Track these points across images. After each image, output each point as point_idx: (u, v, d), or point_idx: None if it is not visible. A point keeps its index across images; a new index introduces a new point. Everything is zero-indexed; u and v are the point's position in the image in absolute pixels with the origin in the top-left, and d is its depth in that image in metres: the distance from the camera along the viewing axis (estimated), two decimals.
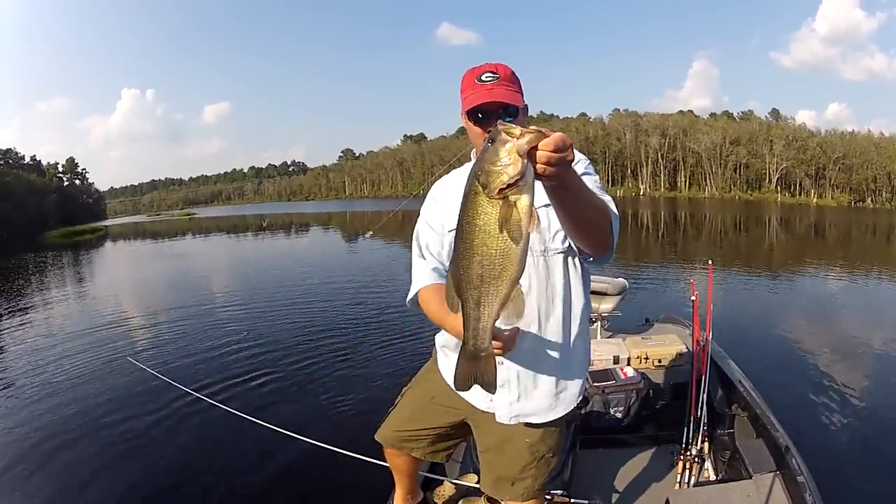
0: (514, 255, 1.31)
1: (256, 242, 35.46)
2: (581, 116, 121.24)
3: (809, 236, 31.71)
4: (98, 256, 34.06)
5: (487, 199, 1.27)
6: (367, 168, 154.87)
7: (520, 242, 1.29)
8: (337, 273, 16.07)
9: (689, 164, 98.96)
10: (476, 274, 1.35)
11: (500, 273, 1.33)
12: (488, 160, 1.25)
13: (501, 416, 2.08)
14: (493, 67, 1.88)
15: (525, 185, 1.25)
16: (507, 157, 1.22)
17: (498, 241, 1.29)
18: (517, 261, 1.32)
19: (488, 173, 1.25)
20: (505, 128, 1.24)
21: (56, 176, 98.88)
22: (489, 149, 1.25)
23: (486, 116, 1.88)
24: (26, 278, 22.06)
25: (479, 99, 1.84)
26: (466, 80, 1.91)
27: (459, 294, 1.40)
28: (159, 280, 18.53)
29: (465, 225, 1.32)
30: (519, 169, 1.22)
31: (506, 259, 1.31)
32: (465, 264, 1.35)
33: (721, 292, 11.77)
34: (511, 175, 1.22)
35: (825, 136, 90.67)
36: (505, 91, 1.85)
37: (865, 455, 4.80)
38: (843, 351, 7.80)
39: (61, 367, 7.91)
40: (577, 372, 2.10)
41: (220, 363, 7.64)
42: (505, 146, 1.22)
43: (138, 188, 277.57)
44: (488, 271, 1.34)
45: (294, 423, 3.86)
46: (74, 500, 4.49)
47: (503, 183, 1.23)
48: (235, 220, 69.17)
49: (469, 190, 1.30)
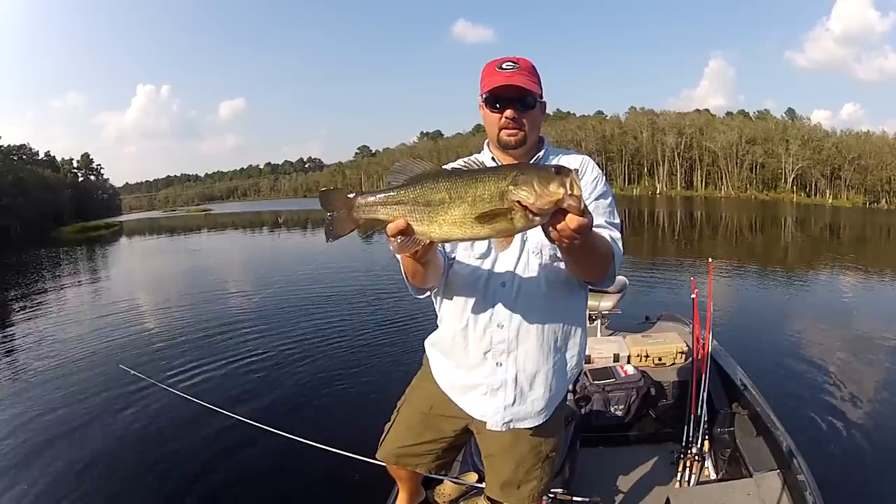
0: (468, 236, 1.37)
1: (271, 239, 35.67)
2: (598, 114, 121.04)
3: (823, 237, 31.43)
4: (110, 252, 34.28)
5: (499, 189, 1.29)
6: (383, 165, 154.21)
7: (479, 239, 1.35)
8: (343, 272, 16.03)
9: (706, 163, 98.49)
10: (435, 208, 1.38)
11: (450, 233, 1.38)
12: (542, 176, 1.26)
13: (493, 424, 2.03)
14: (515, 59, 1.88)
15: (532, 221, 1.27)
16: (556, 188, 1.24)
17: (472, 226, 1.33)
18: (464, 238, 1.39)
19: (527, 183, 1.26)
20: (574, 178, 1.25)
21: (71, 171, 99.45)
22: (549, 172, 1.26)
23: (503, 104, 1.87)
24: (37, 273, 22.35)
25: (498, 82, 1.83)
26: (487, 68, 1.90)
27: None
28: (167, 277, 18.63)
29: (461, 185, 1.34)
30: (546, 207, 1.24)
31: (461, 230, 1.35)
32: (440, 199, 1.37)
33: (723, 290, 11.80)
34: (539, 204, 1.25)
35: (840, 137, 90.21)
36: (524, 78, 1.84)
37: (866, 454, 4.77)
38: (845, 350, 7.76)
39: (63, 368, 7.92)
40: (572, 373, 2.08)
41: (218, 366, 7.53)
42: (566, 181, 1.24)
43: (153, 184, 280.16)
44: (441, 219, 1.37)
45: (292, 424, 3.75)
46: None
47: (532, 202, 1.26)
48: (251, 217, 69.48)
49: (495, 170, 1.33)
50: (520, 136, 1.89)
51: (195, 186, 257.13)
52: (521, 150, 1.93)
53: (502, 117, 1.87)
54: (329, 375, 6.99)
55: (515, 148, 1.92)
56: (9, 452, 5.30)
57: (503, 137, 1.90)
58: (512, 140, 1.89)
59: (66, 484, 4.67)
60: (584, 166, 1.93)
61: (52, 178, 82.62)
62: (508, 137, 1.89)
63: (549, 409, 2.04)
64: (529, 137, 1.92)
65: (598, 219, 1.75)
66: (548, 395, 2.00)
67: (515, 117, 1.86)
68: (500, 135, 1.90)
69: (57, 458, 5.13)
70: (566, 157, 1.98)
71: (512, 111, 1.86)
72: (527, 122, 1.89)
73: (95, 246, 37.61)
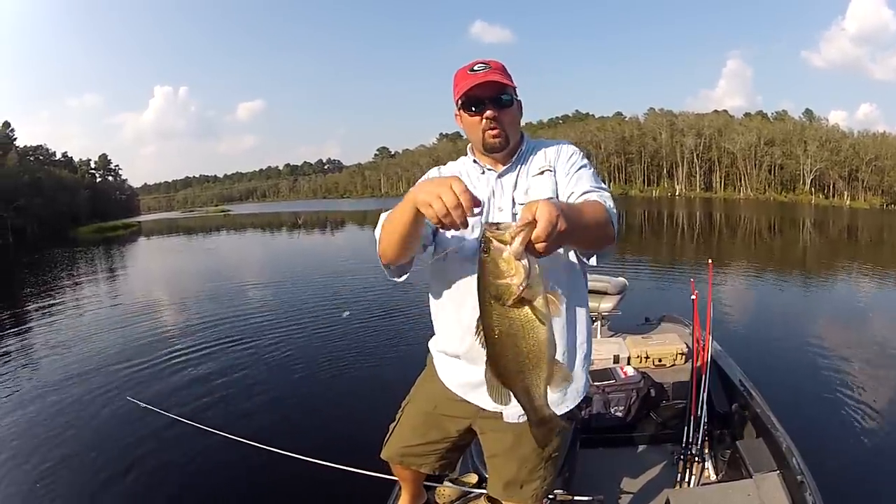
0: (545, 344, 1.33)
1: (289, 240, 35.88)
2: (616, 115, 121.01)
3: (840, 239, 31.12)
4: (126, 252, 34.82)
5: (505, 308, 1.28)
6: (402, 166, 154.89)
7: (546, 331, 1.31)
8: (344, 274, 16.19)
9: (724, 164, 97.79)
10: (515, 370, 1.37)
11: (538, 363, 1.35)
12: (492, 274, 1.26)
13: (510, 416, 2.02)
14: (485, 61, 1.87)
15: (534, 281, 1.26)
16: (507, 267, 1.23)
17: (527, 340, 1.31)
18: (549, 346, 1.33)
19: (497, 287, 1.26)
20: (494, 235, 1.24)
21: (88, 172, 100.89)
22: (488, 261, 1.26)
23: (480, 105, 1.87)
24: (51, 271, 22.81)
25: (472, 82, 1.83)
26: (459, 74, 1.89)
27: (507, 387, 1.41)
28: (179, 274, 19.07)
29: (492, 333, 1.33)
30: (523, 275, 1.23)
31: (539, 350, 1.33)
32: (503, 364, 1.37)
33: (723, 291, 11.85)
34: (519, 283, 1.23)
35: (858, 138, 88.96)
36: (497, 75, 1.84)
37: (866, 455, 4.76)
38: (845, 351, 7.70)
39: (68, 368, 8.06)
40: (582, 366, 2.06)
41: (213, 381, 7.28)
42: (502, 256, 1.23)
43: (172, 185, 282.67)
44: (526, 365, 1.35)
45: (288, 441, 3.74)
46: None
47: (514, 294, 1.24)
48: (270, 217, 69.90)
49: (484, 302, 1.32)
50: (503, 136, 1.89)
51: (214, 187, 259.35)
52: (505, 152, 1.94)
53: (482, 119, 1.87)
54: (334, 383, 7.03)
55: (500, 150, 1.92)
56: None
57: (488, 140, 1.89)
58: (497, 142, 1.89)
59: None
60: (561, 145, 1.99)
61: (69, 178, 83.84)
62: (494, 139, 1.89)
63: (566, 402, 2.03)
64: (511, 137, 1.92)
65: (583, 185, 1.79)
66: (561, 388, 1.99)
67: (496, 117, 1.86)
68: (484, 137, 1.90)
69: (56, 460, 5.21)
70: (545, 147, 1.99)
71: (491, 111, 1.86)
72: (506, 122, 1.89)
73: (112, 246, 38.08)
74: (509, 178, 1.95)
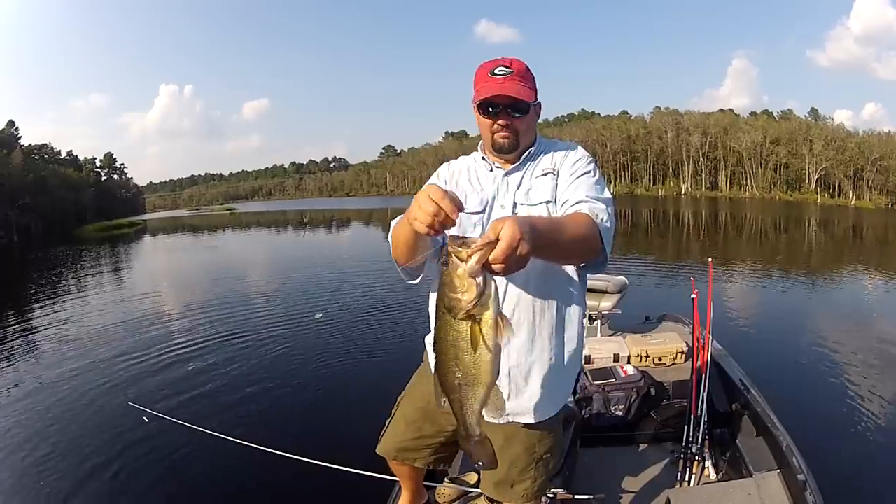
0: (487, 365, 1.37)
1: (295, 238, 35.93)
2: (622, 114, 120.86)
3: (845, 238, 31.07)
4: (131, 250, 34.88)
5: (455, 320, 1.32)
6: (408, 165, 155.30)
7: (490, 353, 1.35)
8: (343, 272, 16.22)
9: (730, 163, 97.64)
10: (453, 383, 1.42)
11: (475, 381, 1.41)
12: (447, 285, 1.29)
13: (491, 416, 2.04)
14: (508, 62, 1.88)
15: (486, 300, 1.29)
16: (461, 283, 1.26)
17: (470, 355, 1.35)
18: (489, 369, 1.38)
19: (450, 299, 1.29)
20: (454, 251, 1.26)
21: (94, 171, 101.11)
22: (445, 274, 1.29)
23: (496, 109, 1.88)
24: (55, 269, 22.89)
25: (490, 91, 1.84)
26: (480, 73, 1.91)
27: (445, 395, 1.48)
28: (183, 277, 18.85)
29: (439, 341, 1.39)
30: (475, 292, 1.26)
31: (479, 369, 1.38)
32: (443, 372, 1.43)
33: (723, 290, 11.81)
34: (469, 300, 1.26)
35: (863, 137, 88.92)
36: (516, 86, 1.84)
37: (866, 454, 4.76)
38: (846, 351, 7.71)
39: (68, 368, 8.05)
40: (570, 370, 2.07)
41: (212, 383, 7.18)
42: (457, 272, 1.26)
43: (178, 183, 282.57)
44: (465, 380, 1.41)
45: (289, 442, 3.70)
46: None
47: (463, 309, 1.28)
48: (276, 216, 70.02)
49: (437, 311, 1.36)
50: (513, 139, 1.91)
51: (219, 186, 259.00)
52: (514, 154, 1.96)
53: (495, 123, 1.89)
54: (335, 383, 7.05)
55: (510, 152, 1.94)
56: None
57: (497, 140, 1.91)
58: (506, 143, 1.91)
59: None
60: (570, 149, 1.98)
61: (75, 176, 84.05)
62: (503, 140, 1.91)
63: (550, 405, 2.03)
64: (522, 141, 1.94)
65: (579, 193, 1.78)
66: (545, 391, 1.98)
67: (508, 124, 1.88)
68: (494, 139, 1.92)
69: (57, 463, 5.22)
70: (554, 150, 1.99)
71: (504, 119, 1.88)
72: (519, 127, 1.90)
73: (118, 244, 38.18)
74: (515, 176, 1.96)
